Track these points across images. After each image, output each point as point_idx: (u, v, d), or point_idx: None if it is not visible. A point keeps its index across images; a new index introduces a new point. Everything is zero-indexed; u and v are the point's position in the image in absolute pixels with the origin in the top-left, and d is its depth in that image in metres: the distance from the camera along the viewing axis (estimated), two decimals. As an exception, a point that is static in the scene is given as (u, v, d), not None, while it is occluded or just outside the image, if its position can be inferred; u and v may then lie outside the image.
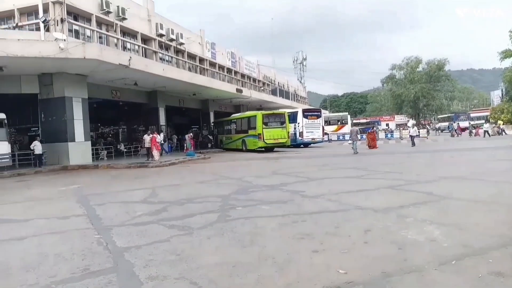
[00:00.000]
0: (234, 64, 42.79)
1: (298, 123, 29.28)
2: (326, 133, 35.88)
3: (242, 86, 40.18)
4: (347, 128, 43.80)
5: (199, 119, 37.02)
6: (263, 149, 25.23)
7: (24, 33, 19.10)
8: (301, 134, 29.11)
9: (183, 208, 7.26)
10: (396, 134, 43.62)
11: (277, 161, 18.10)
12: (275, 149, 26.25)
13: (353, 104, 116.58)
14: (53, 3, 19.53)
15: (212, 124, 35.52)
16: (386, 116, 72.80)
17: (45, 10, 19.30)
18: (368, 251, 4.27)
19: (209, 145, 32.47)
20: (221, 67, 39.59)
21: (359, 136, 23.43)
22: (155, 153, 19.11)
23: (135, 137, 29.04)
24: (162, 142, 20.89)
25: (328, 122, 43.20)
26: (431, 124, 67.16)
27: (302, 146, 29.82)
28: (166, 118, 28.86)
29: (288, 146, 27.08)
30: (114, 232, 5.51)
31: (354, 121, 55.38)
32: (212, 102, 35.99)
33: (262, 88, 48.76)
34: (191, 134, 24.79)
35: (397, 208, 6.34)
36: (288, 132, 25.87)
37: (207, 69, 35.50)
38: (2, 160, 16.23)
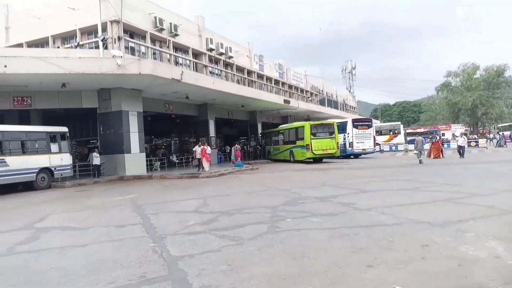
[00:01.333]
0: (282, 75, 42.98)
1: (348, 133, 28.71)
2: (377, 144, 34.83)
3: (290, 97, 40.22)
4: (400, 138, 42.28)
5: (247, 131, 37.45)
6: (312, 160, 24.98)
7: (85, 51, 20.44)
8: (351, 144, 28.50)
9: (233, 219, 7.35)
10: (453, 144, 41.44)
11: (326, 172, 17.83)
12: (324, 160, 25.89)
13: (405, 113, 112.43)
14: (111, 22, 20.75)
15: (260, 135, 35.78)
16: (441, 125, 69.49)
17: (104, 29, 20.55)
18: (425, 267, 4.09)
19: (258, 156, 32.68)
20: (269, 79, 39.92)
21: (425, 146, 22.76)
22: (206, 164, 19.55)
23: (186, 148, 29.93)
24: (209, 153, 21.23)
25: (379, 132, 41.96)
26: (490, 133, 63.10)
27: (352, 157, 29.16)
28: (216, 130, 29.50)
29: (338, 157, 26.61)
30: (168, 241, 5.69)
31: (409, 130, 53.15)
32: (260, 114, 36.32)
33: (310, 99, 48.47)
34: (237, 145, 25.10)
35: (456, 222, 6.01)
36: (337, 143, 25.45)
37: (255, 81, 35.94)
38: (65, 171, 17.33)
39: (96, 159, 19.14)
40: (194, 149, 20.79)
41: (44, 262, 4.98)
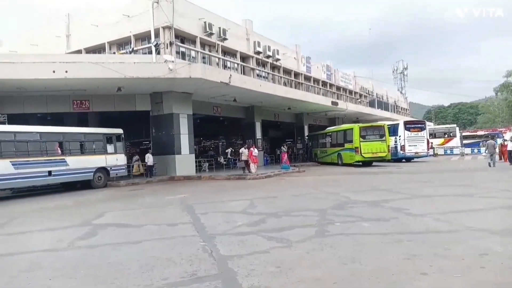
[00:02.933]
0: (330, 77, 42.39)
1: (399, 136, 27.73)
2: (431, 147, 33.35)
3: (338, 98, 39.56)
4: (455, 142, 40.23)
5: (294, 133, 37.29)
6: (360, 163, 24.38)
7: (139, 56, 21.34)
8: (402, 147, 27.50)
9: (280, 221, 7.33)
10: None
11: (376, 176, 17.32)
12: (374, 163, 25.18)
13: (461, 115, 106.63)
14: (163, 28, 21.53)
15: (307, 137, 35.49)
16: (501, 128, 65.10)
17: (156, 35, 21.36)
18: (485, 277, 3.85)
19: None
20: (316, 81, 39.52)
21: (497, 150, 21.68)
22: (252, 166, 19.68)
23: (234, 150, 30.32)
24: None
25: (433, 135, 40.16)
26: None
27: (403, 160, 28.14)
28: (262, 132, 29.65)
29: (388, 161, 25.78)
30: (217, 241, 5.78)
31: (466, 133, 50.32)
32: (307, 116, 36.04)
33: (359, 100, 47.41)
34: (283, 148, 25.04)
35: (520, 232, 5.60)
36: (388, 146, 24.65)
37: (302, 83, 35.74)
38: (120, 171, 18.17)
39: (150, 159, 19.94)
40: (240, 151, 21.01)
41: (101, 257, 5.24)
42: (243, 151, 20.44)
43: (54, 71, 15.91)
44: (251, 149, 20.22)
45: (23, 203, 12.75)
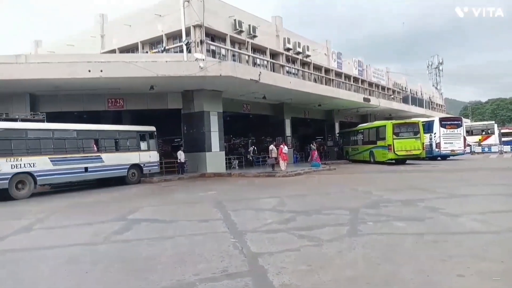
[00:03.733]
0: (361, 73, 41.60)
1: (435, 133, 26.88)
2: (468, 145, 32.12)
3: (370, 95, 38.79)
4: (493, 139, 38.59)
5: (324, 130, 36.88)
6: (394, 161, 23.82)
7: (171, 55, 21.70)
8: (437, 145, 26.63)
9: (311, 219, 7.28)
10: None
11: (410, 175, 16.87)
12: (408, 161, 24.54)
13: (500, 112, 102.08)
14: (194, 27, 21.79)
15: (337, 134, 35.02)
16: (544, 125, 61.84)
17: (187, 34, 21.63)
18: (529, 282, 3.66)
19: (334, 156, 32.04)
20: (347, 77, 38.90)
21: None
22: (282, 163, 19.63)
23: (263, 147, 30.35)
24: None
25: (470, 132, 38.68)
26: None
27: (439, 158, 27.25)
28: (292, 129, 29.51)
29: (423, 159, 25.05)
30: (247, 237, 5.80)
31: (505, 130, 48.15)
32: (338, 113, 35.54)
33: (392, 96, 46.31)
34: (313, 145, 24.79)
35: None
36: (423, 143, 23.94)
37: (332, 79, 35.28)
38: (153, 167, 18.58)
39: (182, 156, 20.30)
40: (270, 148, 21.00)
41: (136, 251, 5.38)
42: (273, 148, 20.42)
43: (89, 71, 16.44)
44: (281, 146, 20.15)
45: (61, 198, 13.29)
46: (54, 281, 4.23)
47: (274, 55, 28.58)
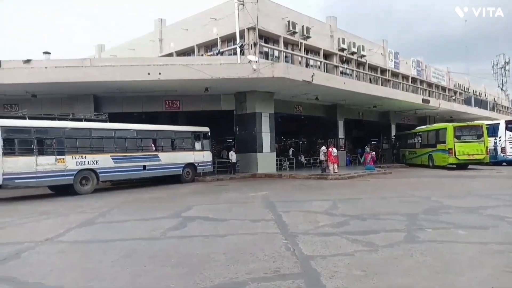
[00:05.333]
0: (420, 73, 39.80)
1: (500, 137, 25.07)
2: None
3: (429, 96, 37.06)
4: None
5: (379, 132, 35.72)
6: (454, 165, 22.53)
7: (225, 58, 22.14)
8: (503, 149, 24.81)
9: (365, 224, 7.07)
10: None
11: (473, 180, 15.87)
12: (470, 166, 23.10)
13: None
14: (248, 29, 22.06)
15: (394, 137, 33.76)
16: None
17: (241, 36, 21.94)
18: None
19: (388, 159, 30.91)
20: (405, 77, 37.41)
21: None
22: (331, 166, 19.28)
23: (314, 149, 30.02)
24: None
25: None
26: None
27: (504, 164, 25.36)
28: (345, 131, 28.89)
29: (487, 163, 23.44)
30: (299, 239, 5.75)
31: None
32: (394, 114, 34.27)
33: (453, 98, 43.90)
34: (367, 148, 24.06)
35: None
36: (487, 147, 22.41)
37: (389, 80, 34.11)
38: (207, 167, 19.04)
39: (233, 157, 20.62)
40: (321, 149, 20.66)
41: (190, 248, 5.53)
42: (322, 149, 20.11)
43: (149, 73, 17.20)
44: (330, 149, 19.81)
45: (121, 194, 14.01)
46: (115, 273, 4.46)
47: (327, 55, 28.18)
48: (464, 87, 49.06)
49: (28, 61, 18.34)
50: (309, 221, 7.31)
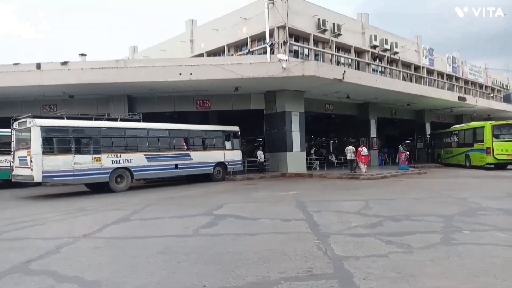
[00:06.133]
0: (456, 70, 38.43)
1: (542, 136, 23.82)
2: None
3: (465, 93, 35.77)
4: None
5: (413, 131, 34.78)
6: (492, 165, 21.63)
7: (254, 57, 22.16)
8: (545, 149, 23.56)
9: (399, 225, 6.92)
10: None
11: (513, 181, 15.21)
12: (509, 166, 22.12)
13: None
14: (278, 28, 21.99)
15: (428, 136, 32.79)
16: None
17: (271, 35, 21.92)
18: None
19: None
20: (440, 74, 36.23)
21: None
22: (361, 165, 18.95)
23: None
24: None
25: None
26: None
27: (548, 164, 24.11)
28: (377, 130, 28.32)
29: (528, 164, 22.35)
30: (331, 240, 5.70)
31: None
32: (429, 112, 33.27)
33: (491, 95, 42.13)
34: (401, 147, 23.47)
35: None
36: (528, 147, 21.35)
37: (423, 77, 33.15)
38: (237, 166, 19.17)
39: (261, 156, 20.66)
40: (345, 150, 20.38)
41: (222, 246, 5.59)
42: (348, 149, 19.78)
43: (180, 74, 17.52)
44: (360, 148, 19.46)
45: (154, 192, 14.33)
46: (151, 269, 4.57)
47: (359, 53, 27.70)
48: (502, 84, 46.96)
49: (65, 63, 19.08)
50: (341, 222, 7.23)
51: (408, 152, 23.39)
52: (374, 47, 28.16)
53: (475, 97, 33.91)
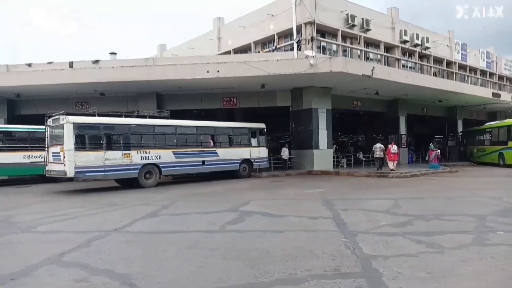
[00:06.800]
0: (490, 65, 37.06)
1: None
2: None
3: (500, 89, 34.42)
4: None
5: (444, 129, 33.78)
6: (529, 164, 20.77)
7: (281, 54, 22.09)
8: None
9: (430, 224, 6.75)
10: None
11: (552, 181, 14.54)
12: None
13: None
14: (305, 24, 21.85)
15: (460, 133, 31.76)
16: None
17: (298, 31, 21.80)
18: None
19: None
20: (473, 70, 35.03)
21: None
22: (390, 163, 18.56)
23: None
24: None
25: None
26: None
27: None
28: (407, 127, 27.67)
29: None
30: (359, 238, 5.62)
31: None
32: (461, 109, 32.18)
33: (528, 91, 40.34)
34: (432, 145, 22.84)
35: None
36: None
37: (455, 73, 32.14)
38: (262, 163, 19.19)
39: (285, 153, 20.60)
40: (373, 147, 19.99)
41: (249, 242, 5.61)
42: (377, 147, 19.41)
43: (208, 71, 17.68)
44: (389, 146, 19.06)
45: (181, 188, 14.55)
46: (179, 263, 4.65)
47: (388, 48, 27.15)
48: (541, 79, 44.91)
49: (96, 61, 19.63)
50: (369, 220, 7.12)
51: (439, 150, 22.76)
52: (404, 42, 27.54)
53: (510, 93, 32.55)
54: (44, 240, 6.25)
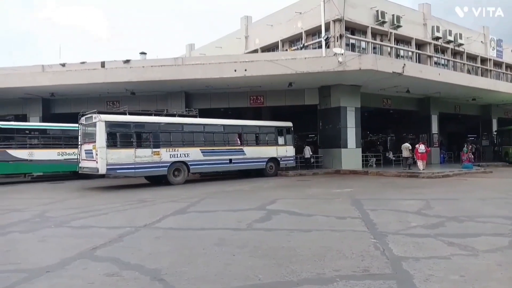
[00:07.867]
0: (528, 62, 35.44)
1: None
2: None
3: (539, 87, 32.81)
4: None
5: (478, 127, 32.59)
6: None
7: (309, 51, 21.93)
8: None
9: (463, 226, 6.54)
10: None
11: None
12: None
13: None
14: (334, 21, 21.58)
15: (495, 133, 30.55)
16: None
17: (327, 29, 21.55)
18: None
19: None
20: (509, 66, 33.66)
21: None
22: (419, 163, 18.09)
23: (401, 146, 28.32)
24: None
25: None
26: None
27: None
28: (439, 126, 26.87)
29: None
30: (389, 239, 5.51)
31: None
32: (496, 108, 30.94)
33: None
34: (465, 148, 22.09)
35: None
36: None
37: (490, 70, 30.95)
38: (289, 161, 19.11)
39: (306, 152, 20.45)
40: (403, 146, 19.51)
41: (276, 241, 5.61)
42: (404, 146, 18.96)
43: (235, 70, 17.77)
44: (417, 146, 18.57)
45: (209, 185, 14.71)
46: (207, 260, 4.70)
47: (420, 45, 26.46)
48: None
49: (127, 61, 20.10)
50: (399, 221, 6.97)
51: (472, 155, 21.99)
52: (437, 38, 26.76)
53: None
54: (77, 235, 6.47)
